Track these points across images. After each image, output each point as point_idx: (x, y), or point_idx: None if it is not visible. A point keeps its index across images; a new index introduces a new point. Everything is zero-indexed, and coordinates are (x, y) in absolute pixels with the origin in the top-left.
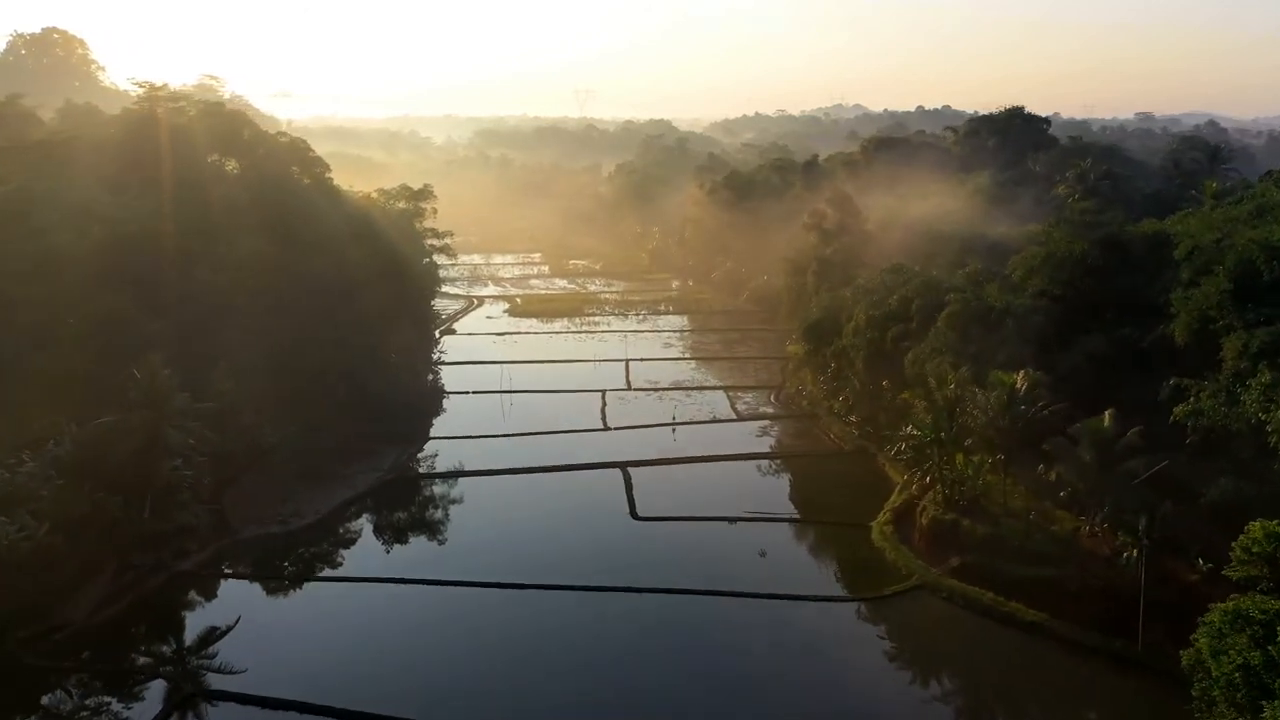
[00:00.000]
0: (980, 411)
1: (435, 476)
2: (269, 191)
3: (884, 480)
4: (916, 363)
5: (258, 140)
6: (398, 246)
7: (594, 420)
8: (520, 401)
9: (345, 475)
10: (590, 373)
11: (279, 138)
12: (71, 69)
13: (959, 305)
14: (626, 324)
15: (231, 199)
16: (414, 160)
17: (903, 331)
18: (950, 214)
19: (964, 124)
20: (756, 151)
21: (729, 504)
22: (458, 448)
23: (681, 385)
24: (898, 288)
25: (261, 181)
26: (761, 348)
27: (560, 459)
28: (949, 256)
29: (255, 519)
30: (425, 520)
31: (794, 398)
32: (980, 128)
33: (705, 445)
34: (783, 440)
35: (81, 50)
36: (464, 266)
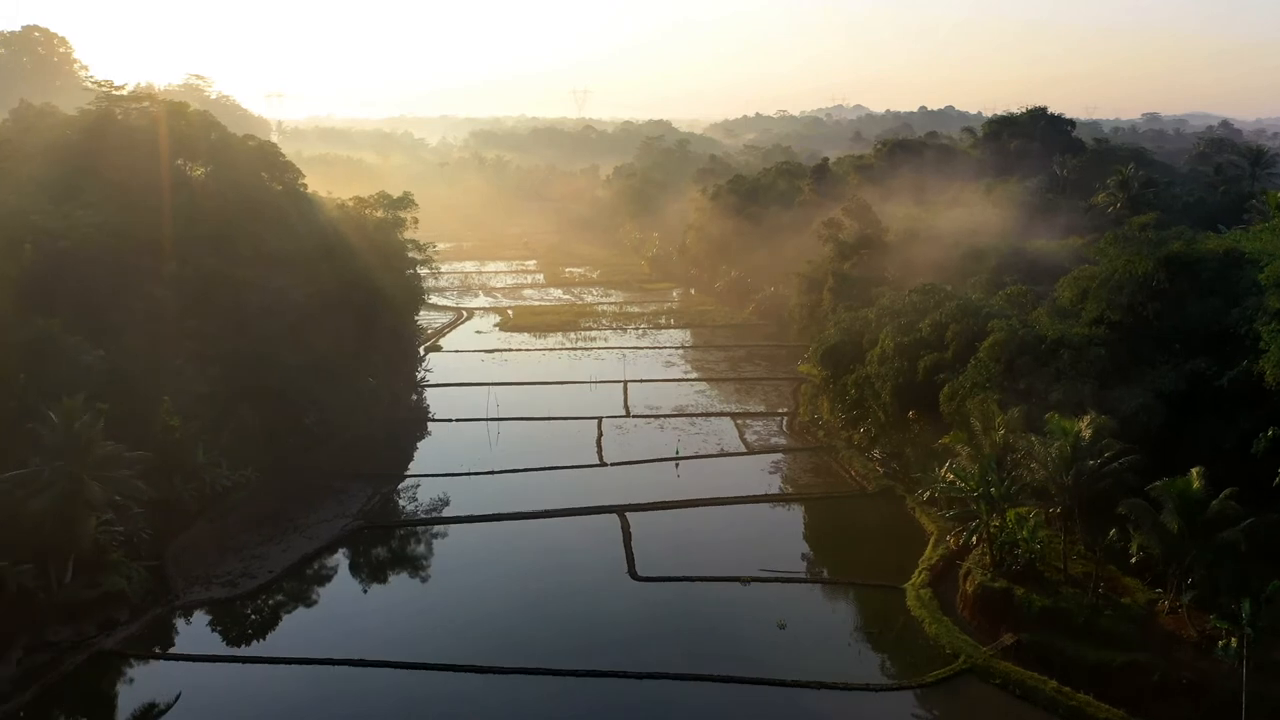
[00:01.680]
0: (1039, 465)
1: (408, 525)
2: (235, 200)
3: (915, 529)
4: (955, 398)
5: (225, 144)
6: (374, 259)
7: (589, 453)
8: (509, 430)
9: (307, 524)
10: (586, 396)
11: (247, 141)
12: (53, 68)
13: (1004, 334)
14: (625, 339)
15: (193, 208)
16: (406, 163)
17: (937, 362)
18: (979, 225)
19: (983, 125)
20: (760, 153)
21: (741, 558)
22: (437, 486)
23: (685, 411)
24: (929, 311)
25: (227, 189)
26: (770, 366)
27: (551, 501)
28: (983, 275)
29: (202, 578)
30: (392, 582)
31: (808, 427)
32: (1001, 130)
33: (712, 484)
34: (799, 478)
35: (64, 49)
36: (454, 275)
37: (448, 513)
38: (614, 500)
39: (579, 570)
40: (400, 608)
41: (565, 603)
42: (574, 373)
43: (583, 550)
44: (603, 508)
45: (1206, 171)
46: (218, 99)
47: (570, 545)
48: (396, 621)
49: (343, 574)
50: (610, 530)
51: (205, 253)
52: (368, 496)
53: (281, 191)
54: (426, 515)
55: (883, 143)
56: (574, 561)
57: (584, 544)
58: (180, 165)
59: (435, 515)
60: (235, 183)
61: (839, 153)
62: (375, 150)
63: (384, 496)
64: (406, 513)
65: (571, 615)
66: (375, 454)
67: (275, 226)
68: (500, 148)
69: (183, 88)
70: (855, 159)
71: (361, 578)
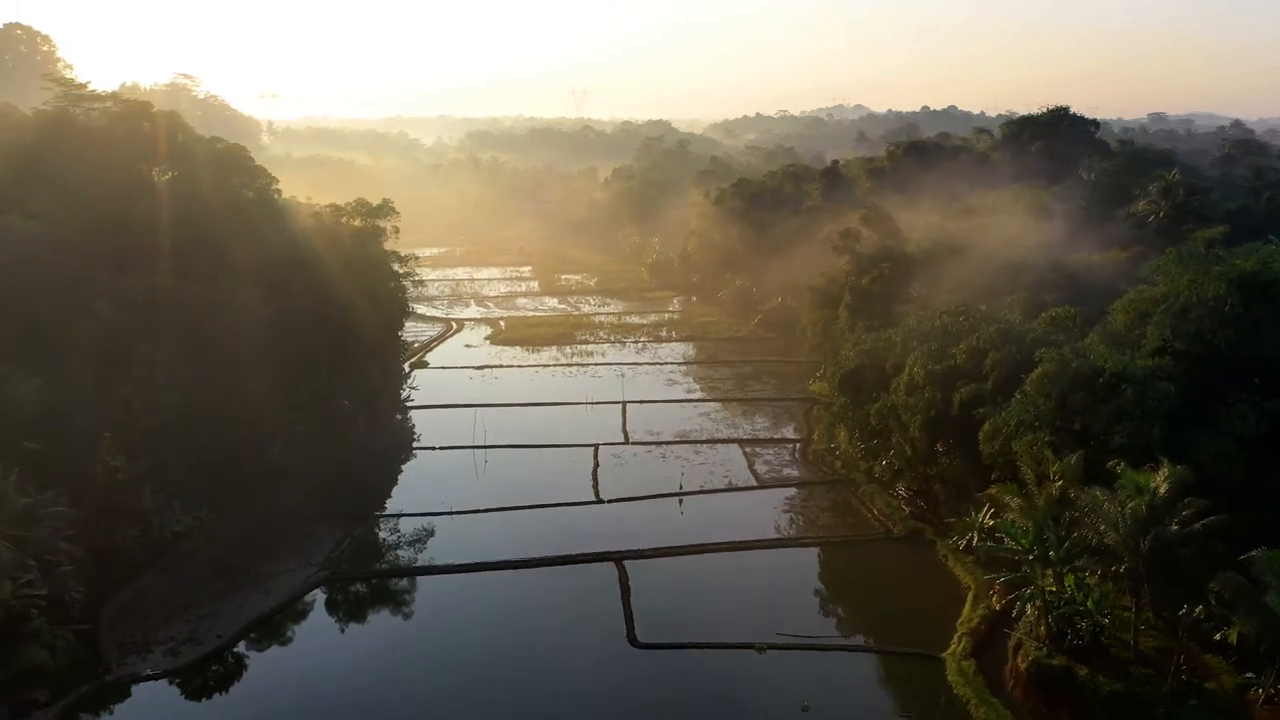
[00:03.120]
0: (1108, 526)
1: (379, 577)
2: (201, 208)
3: (949, 581)
4: (997, 437)
5: (192, 147)
6: (351, 272)
7: (584, 488)
8: (498, 460)
9: (266, 575)
10: (581, 418)
11: (215, 144)
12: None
13: (1054, 365)
14: (623, 354)
15: (155, 216)
16: (399, 164)
17: (975, 394)
18: (1010, 235)
19: (1001, 126)
20: (762, 154)
21: (755, 617)
22: (416, 527)
23: (688, 437)
24: (963, 335)
25: (192, 196)
26: (780, 385)
27: (542, 545)
28: (1020, 293)
29: (141, 644)
30: (357, 649)
31: (824, 456)
32: (1021, 130)
33: (720, 524)
34: (816, 517)
35: (47, 47)
36: (444, 283)
37: (426, 559)
38: (611, 545)
39: (572, 635)
40: (365, 679)
41: (557, 679)
42: (569, 392)
43: (576, 608)
44: (599, 555)
45: (1244, 175)
46: (205, 98)
47: (562, 600)
48: (362, 699)
49: (302, 639)
50: (607, 583)
51: (165, 267)
52: (336, 541)
53: (252, 199)
54: (401, 565)
55: (895, 144)
56: (567, 623)
57: (578, 599)
58: (142, 170)
59: (411, 564)
60: (202, 189)
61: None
62: (368, 151)
63: (355, 541)
64: (379, 561)
65: (563, 694)
66: (348, 489)
67: (244, 237)
68: (496, 148)
69: (169, 87)
70: (865, 161)
71: (323, 644)
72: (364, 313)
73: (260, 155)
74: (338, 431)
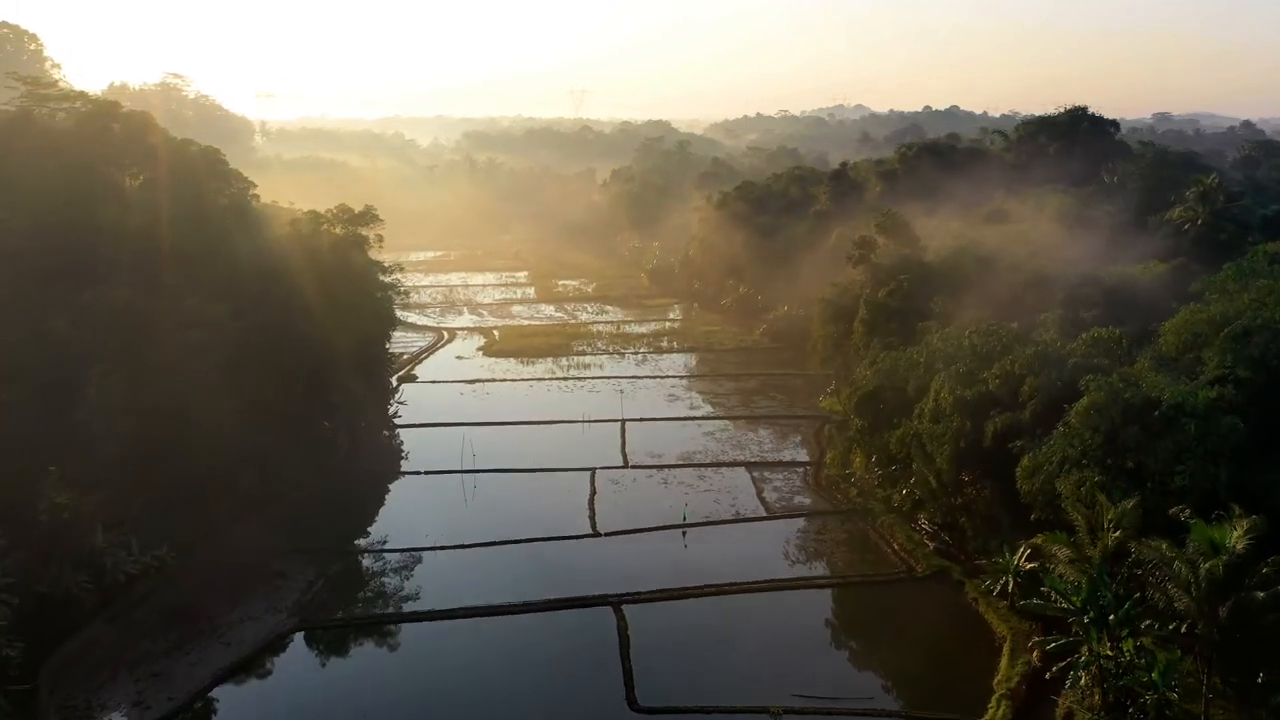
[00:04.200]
0: (1178, 588)
1: (353, 624)
2: (170, 215)
3: (981, 628)
4: (1038, 474)
5: (162, 150)
6: (331, 283)
7: (579, 518)
8: (488, 486)
9: (229, 623)
10: (578, 438)
11: (188, 146)
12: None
13: (1102, 395)
14: (622, 366)
15: (121, 225)
16: (394, 165)
17: (1011, 425)
18: (1037, 245)
19: (1016, 127)
20: (765, 156)
21: (768, 672)
22: (397, 565)
23: (692, 460)
24: (995, 357)
25: (162, 202)
26: (788, 401)
27: (533, 586)
28: (1054, 309)
29: (82, 709)
30: (320, 714)
31: (837, 482)
32: (1038, 131)
33: (727, 560)
34: (831, 553)
35: (34, 46)
36: (437, 289)
37: (406, 602)
38: (609, 585)
39: (565, 697)
40: None
41: None
42: (565, 408)
43: (569, 664)
44: (595, 599)
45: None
46: (196, 98)
47: (555, 653)
48: None
49: (262, 698)
50: (604, 631)
51: (129, 279)
52: (309, 582)
53: (226, 205)
54: (375, 612)
55: (907, 145)
56: (559, 682)
57: (572, 655)
58: (111, 174)
59: (386, 612)
60: (173, 195)
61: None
62: (363, 153)
63: (329, 581)
64: (354, 602)
65: None
66: (324, 521)
67: (216, 247)
68: (493, 149)
69: (159, 87)
70: (875, 163)
71: (287, 706)
72: (346, 326)
73: (250, 157)
74: (316, 456)
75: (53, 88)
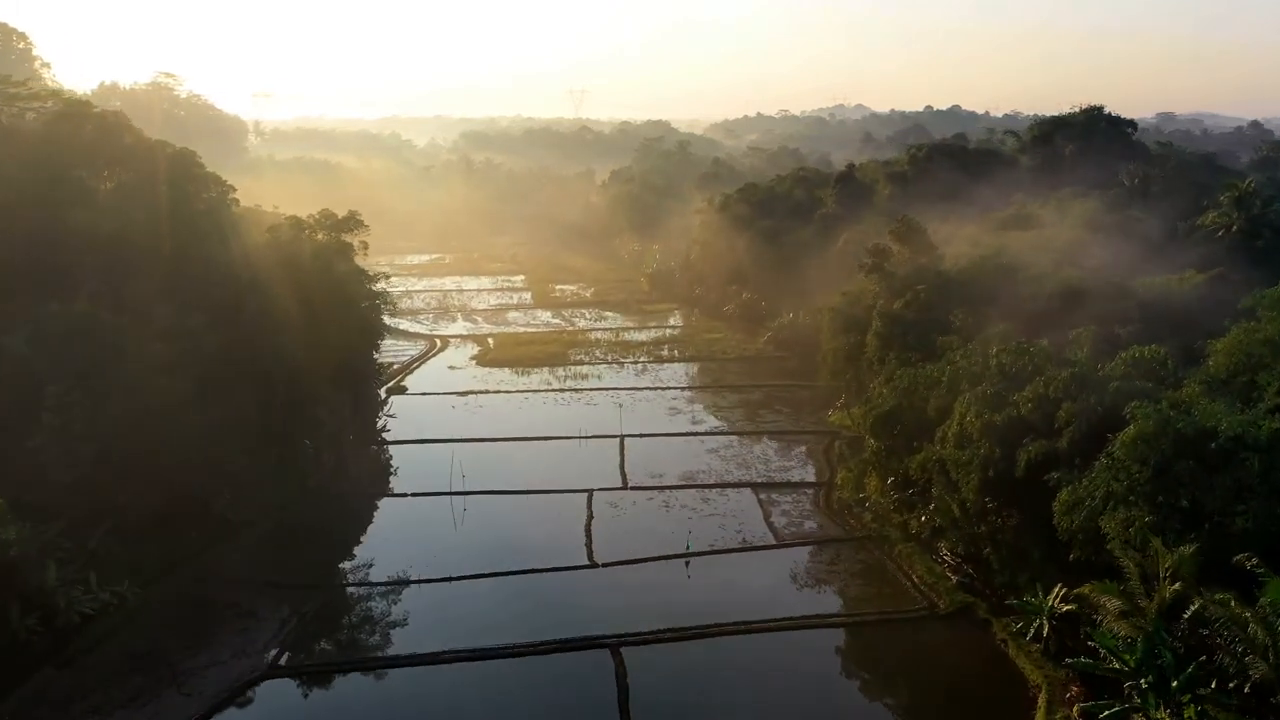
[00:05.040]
0: (1255, 654)
1: (323, 671)
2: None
3: (1011, 675)
4: (1078, 511)
5: (136, 152)
6: (316, 293)
7: (576, 547)
8: (478, 509)
9: (192, 669)
10: (575, 456)
11: (162, 148)
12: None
13: (1151, 424)
14: (621, 376)
15: (90, 232)
16: (388, 166)
17: (1046, 454)
18: (1063, 253)
19: (1030, 127)
20: (766, 156)
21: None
22: (378, 601)
23: (695, 480)
24: (1026, 378)
25: (133, 208)
26: (794, 414)
27: (523, 625)
28: (1086, 325)
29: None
30: None
31: (850, 505)
32: (1053, 132)
33: (735, 594)
34: (846, 586)
35: (23, 45)
36: (431, 294)
37: (385, 641)
38: (606, 625)
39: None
40: None
41: None
42: (561, 423)
43: (564, 717)
44: (592, 640)
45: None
46: (188, 98)
47: (548, 703)
48: None
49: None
50: (601, 678)
51: (96, 289)
52: (282, 621)
53: (203, 210)
54: (351, 657)
55: (917, 146)
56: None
57: (564, 705)
58: (81, 177)
59: (366, 656)
60: (146, 199)
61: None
62: (358, 153)
63: (303, 620)
64: (328, 641)
65: None
66: (303, 549)
67: (190, 254)
68: (491, 150)
69: (150, 86)
70: (883, 165)
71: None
72: (329, 338)
73: (241, 158)
74: (296, 477)
75: (21, 86)
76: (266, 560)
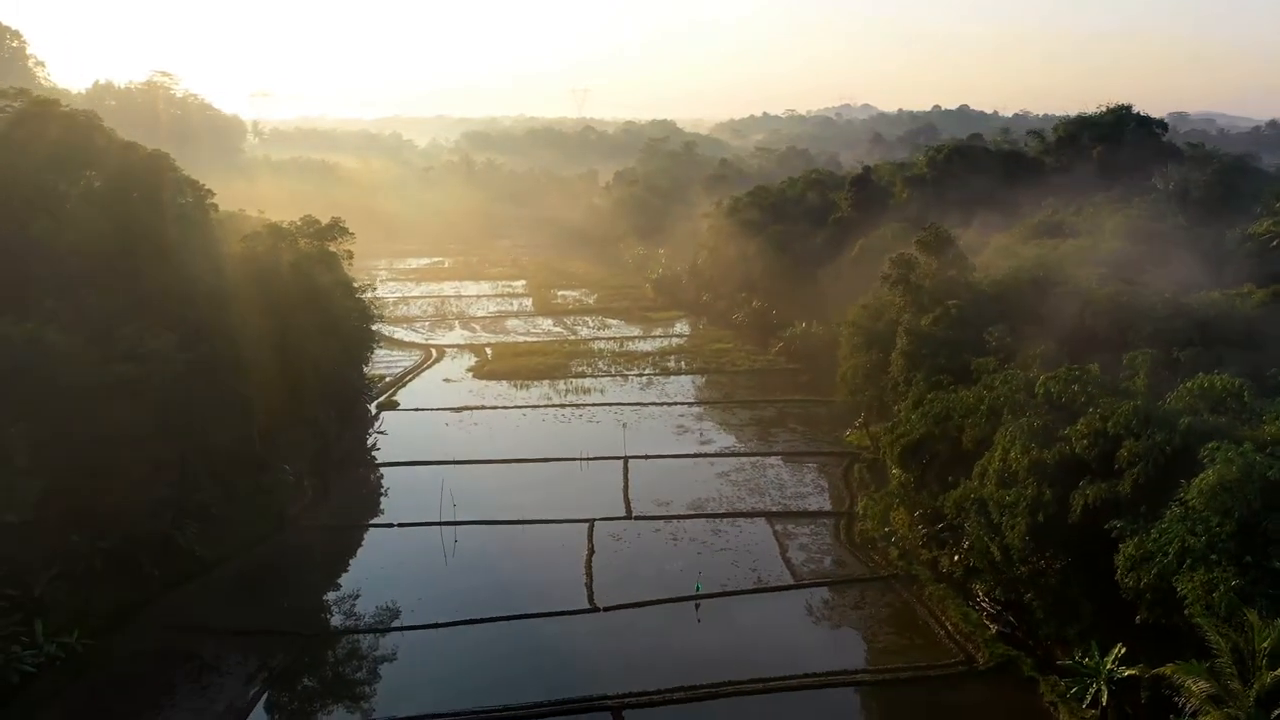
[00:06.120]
0: None
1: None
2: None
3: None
4: (1147, 568)
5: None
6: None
7: (574, 587)
8: (470, 541)
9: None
10: (575, 480)
11: (133, 150)
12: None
13: (1233, 471)
14: (625, 390)
15: (56, 241)
16: (388, 167)
17: (1107, 497)
18: (1102, 263)
19: (1056, 127)
20: (774, 157)
21: None
22: (354, 652)
23: (704, 509)
24: (1077, 408)
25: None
26: (809, 432)
27: (516, 680)
28: (1140, 347)
29: None
30: None
31: (872, 539)
32: (1079, 132)
33: (749, 643)
34: (874, 635)
35: (16, 43)
36: (429, 300)
37: (367, 704)
38: (608, 681)
39: None
40: None
41: None
42: (561, 442)
43: None
44: (592, 702)
45: None
46: (184, 97)
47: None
48: None
49: None
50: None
51: (56, 305)
52: (248, 676)
53: (176, 218)
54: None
55: (936, 148)
56: None
57: None
58: (48, 181)
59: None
60: (115, 206)
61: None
62: (357, 153)
63: (272, 677)
64: (301, 706)
65: None
66: (276, 591)
67: (159, 265)
68: (493, 150)
69: (146, 85)
70: (899, 167)
71: None
72: (311, 353)
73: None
74: (274, 507)
75: None
76: (235, 604)
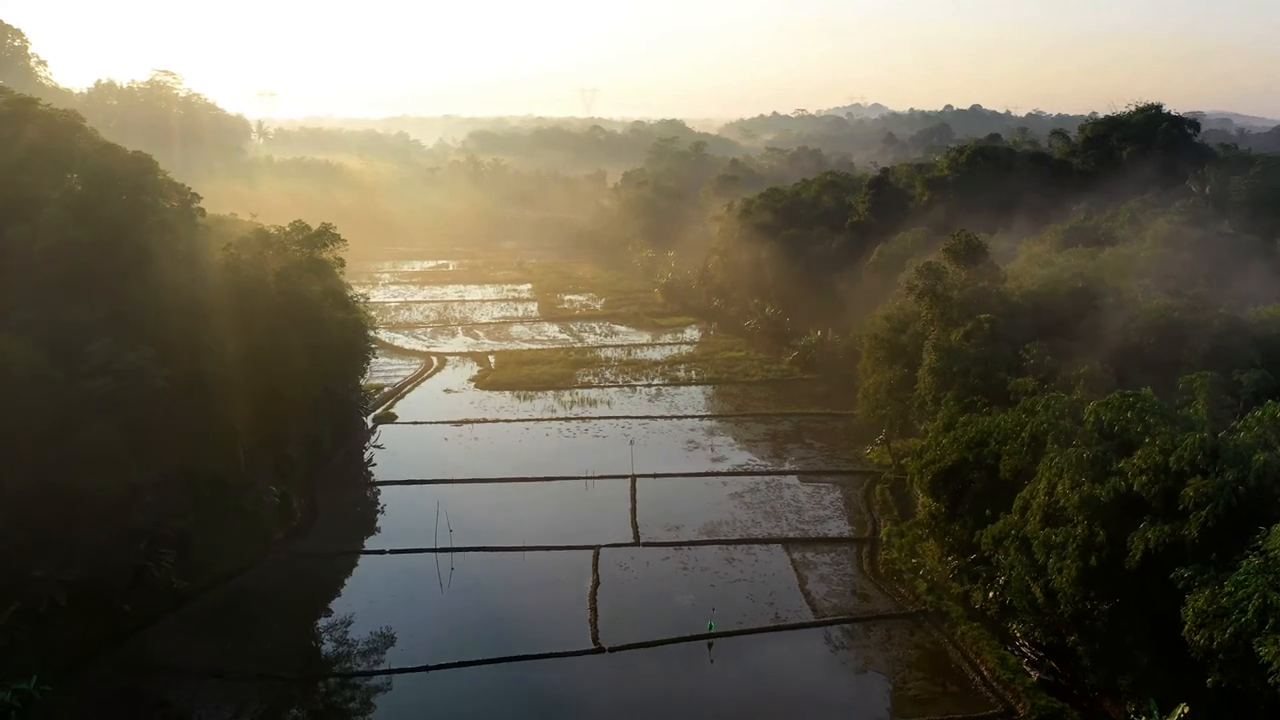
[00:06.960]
0: None
1: None
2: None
3: None
4: (1221, 626)
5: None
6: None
7: (579, 624)
8: (467, 570)
9: None
10: (580, 500)
11: (113, 152)
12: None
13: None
14: (633, 402)
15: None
16: (393, 168)
17: (1170, 543)
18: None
19: (1083, 128)
20: (786, 158)
21: None
22: (340, 699)
23: (717, 534)
24: (1133, 439)
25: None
26: (828, 449)
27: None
28: (1197, 368)
29: None
30: None
31: (898, 570)
32: (1108, 133)
33: (768, 690)
34: (903, 682)
35: (18, 42)
36: (431, 305)
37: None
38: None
39: None
40: None
41: None
42: (566, 459)
43: None
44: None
45: None
46: (188, 97)
47: None
48: None
49: None
50: None
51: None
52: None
53: (158, 224)
54: None
55: (958, 149)
56: None
57: None
58: (26, 184)
59: None
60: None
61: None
62: (362, 154)
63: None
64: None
65: None
66: (257, 626)
67: (139, 275)
68: (500, 150)
69: (149, 85)
70: (918, 169)
71: None
72: (300, 366)
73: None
74: (259, 532)
75: None
76: (212, 641)
